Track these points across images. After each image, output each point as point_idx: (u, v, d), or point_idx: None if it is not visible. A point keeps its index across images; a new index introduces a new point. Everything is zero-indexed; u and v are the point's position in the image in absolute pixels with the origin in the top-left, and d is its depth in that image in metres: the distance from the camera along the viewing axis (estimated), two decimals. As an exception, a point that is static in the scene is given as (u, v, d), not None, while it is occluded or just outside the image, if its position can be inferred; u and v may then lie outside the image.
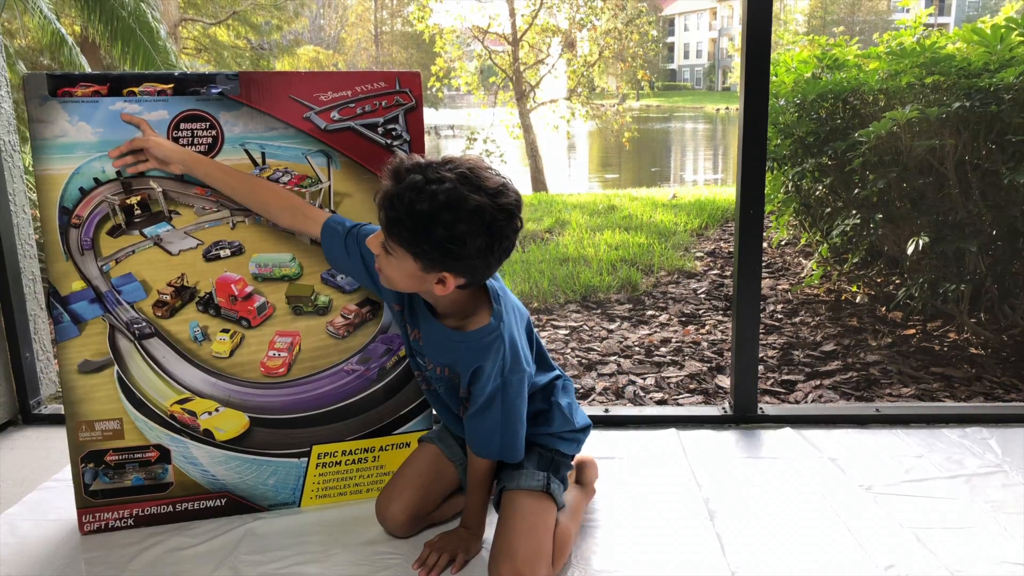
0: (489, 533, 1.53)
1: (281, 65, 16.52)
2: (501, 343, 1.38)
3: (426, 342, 1.47)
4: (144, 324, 1.57)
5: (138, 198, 1.54)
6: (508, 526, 1.41)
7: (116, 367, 1.57)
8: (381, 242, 1.34)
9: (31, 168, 2.07)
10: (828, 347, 3.04)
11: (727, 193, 7.10)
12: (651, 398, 2.67)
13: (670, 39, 46.84)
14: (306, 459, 1.68)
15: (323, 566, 1.48)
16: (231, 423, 1.63)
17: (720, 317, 3.50)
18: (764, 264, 4.13)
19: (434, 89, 11.60)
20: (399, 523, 1.55)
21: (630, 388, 2.74)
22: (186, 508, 1.65)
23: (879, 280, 3.53)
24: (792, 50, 3.69)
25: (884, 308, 3.37)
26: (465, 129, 13.26)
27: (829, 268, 3.77)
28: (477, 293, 1.40)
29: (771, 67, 2.04)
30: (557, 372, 1.60)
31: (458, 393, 1.49)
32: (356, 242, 1.48)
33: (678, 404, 2.61)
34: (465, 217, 1.24)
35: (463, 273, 1.31)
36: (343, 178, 1.61)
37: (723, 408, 2.19)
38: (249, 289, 1.61)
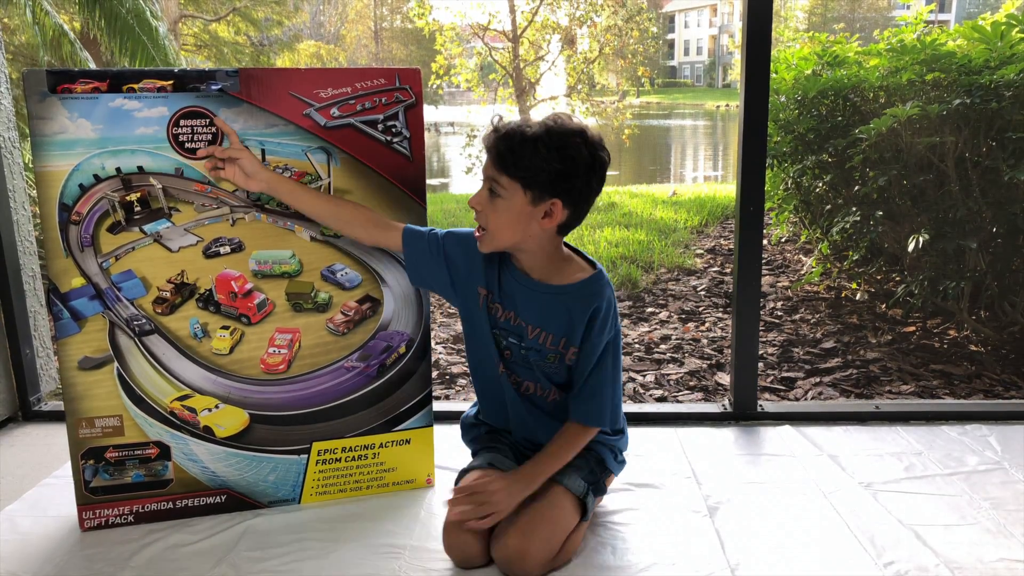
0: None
1: (282, 61, 16.50)
2: (611, 291, 1.49)
3: (526, 312, 1.50)
4: (144, 321, 1.57)
5: (138, 195, 1.53)
6: (534, 506, 1.44)
7: (116, 364, 1.57)
8: (487, 188, 1.42)
9: (31, 165, 2.07)
10: (828, 344, 3.04)
11: (727, 190, 7.10)
12: (651, 395, 2.67)
13: (670, 36, 46.76)
14: (306, 456, 1.68)
15: (323, 563, 1.48)
16: (231, 420, 1.63)
17: (720, 314, 3.50)
18: (764, 261, 4.13)
19: (434, 87, 11.58)
20: (470, 554, 1.45)
21: (630, 385, 2.74)
22: (186, 505, 1.65)
23: (879, 277, 3.53)
24: (793, 47, 3.69)
25: (884, 305, 3.38)
26: (465, 126, 13.22)
27: (829, 265, 3.77)
28: (568, 251, 1.51)
29: (771, 64, 2.04)
30: None
31: (547, 371, 1.51)
32: (438, 240, 1.55)
33: (678, 401, 2.61)
34: (570, 136, 1.37)
35: (570, 199, 1.39)
36: (343, 175, 1.61)
37: (723, 405, 2.19)
38: (249, 286, 1.61)
